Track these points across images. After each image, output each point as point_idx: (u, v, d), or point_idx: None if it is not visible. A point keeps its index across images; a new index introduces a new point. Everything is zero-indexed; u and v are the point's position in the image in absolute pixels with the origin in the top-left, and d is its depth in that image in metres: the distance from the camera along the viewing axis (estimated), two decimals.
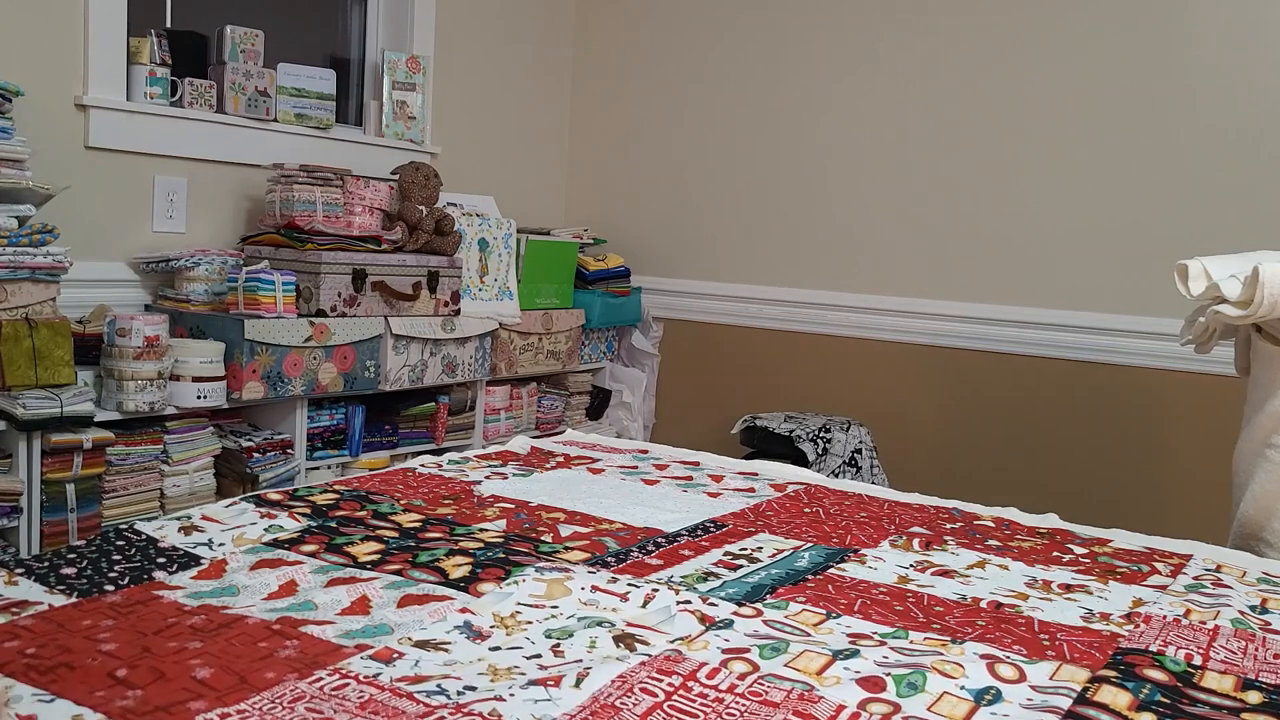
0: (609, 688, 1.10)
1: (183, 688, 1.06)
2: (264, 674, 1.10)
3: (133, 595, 1.33)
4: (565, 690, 1.09)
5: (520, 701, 1.06)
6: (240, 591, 1.37)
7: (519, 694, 1.08)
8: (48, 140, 2.53)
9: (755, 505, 1.95)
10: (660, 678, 1.13)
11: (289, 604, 1.33)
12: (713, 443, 3.55)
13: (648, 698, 1.09)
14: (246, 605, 1.32)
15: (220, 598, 1.35)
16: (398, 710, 1.04)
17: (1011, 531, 1.90)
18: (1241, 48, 2.94)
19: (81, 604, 1.29)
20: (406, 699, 1.06)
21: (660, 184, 3.88)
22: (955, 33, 3.33)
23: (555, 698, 1.07)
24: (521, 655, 1.19)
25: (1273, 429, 2.10)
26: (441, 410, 3.13)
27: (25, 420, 2.17)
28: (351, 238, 2.84)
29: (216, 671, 1.10)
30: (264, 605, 1.33)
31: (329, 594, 1.36)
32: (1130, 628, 1.39)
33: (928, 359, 3.41)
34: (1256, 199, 2.92)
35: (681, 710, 1.07)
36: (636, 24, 3.91)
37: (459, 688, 1.10)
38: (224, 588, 1.38)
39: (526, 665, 1.17)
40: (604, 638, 1.24)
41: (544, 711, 1.04)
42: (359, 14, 3.47)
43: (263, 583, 1.40)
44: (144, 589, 1.36)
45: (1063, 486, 3.20)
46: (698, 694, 1.11)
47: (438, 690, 1.08)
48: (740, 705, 1.09)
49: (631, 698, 1.08)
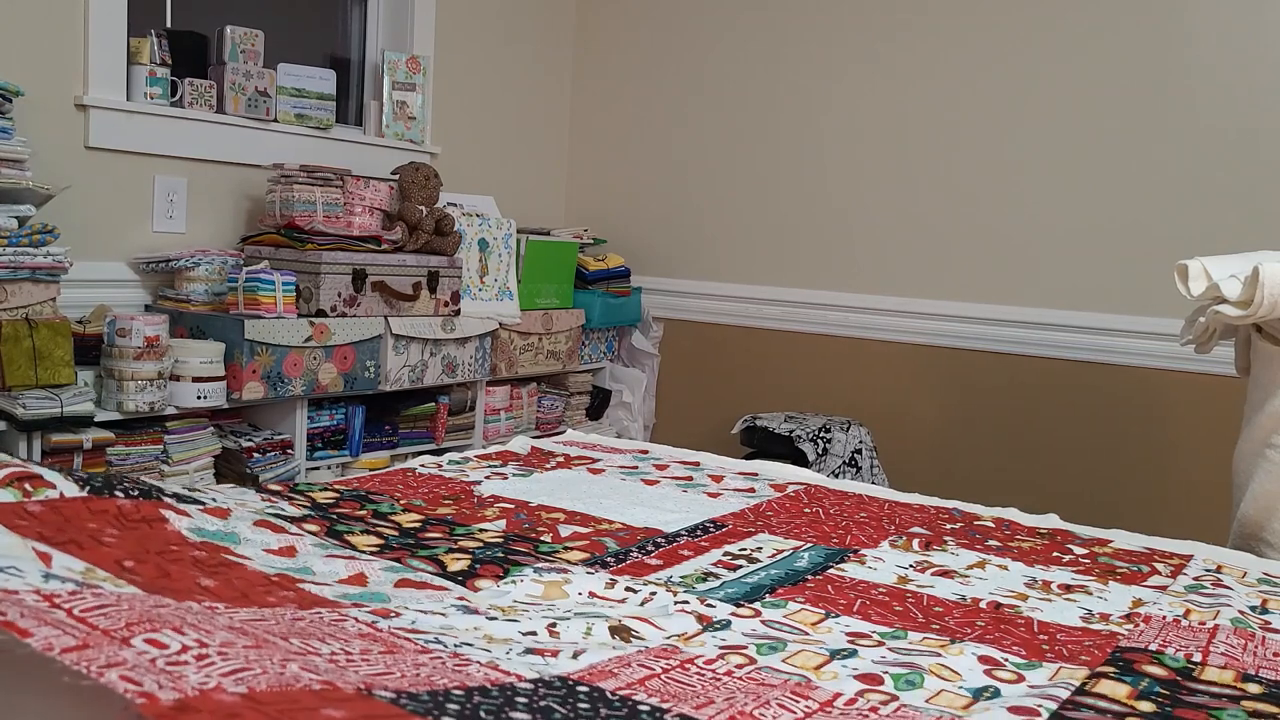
0: (606, 662, 1.11)
1: (187, 589, 1.07)
2: (265, 598, 1.11)
3: (141, 508, 1.33)
4: (563, 660, 1.10)
5: (518, 664, 1.06)
6: (242, 542, 1.37)
7: (516, 658, 1.08)
8: (48, 140, 2.53)
9: (755, 505, 1.95)
10: (656, 660, 1.14)
11: (287, 565, 1.33)
12: (713, 443, 3.54)
13: (643, 670, 1.10)
14: (245, 555, 1.32)
15: (223, 540, 1.35)
16: (396, 644, 1.04)
17: (1011, 532, 1.90)
18: (1241, 48, 2.94)
19: (91, 500, 1.30)
20: (405, 639, 1.07)
21: (660, 184, 3.88)
22: (955, 33, 3.33)
23: (552, 664, 1.08)
24: (518, 630, 1.20)
25: (1273, 429, 2.10)
26: (441, 410, 3.13)
27: (25, 420, 2.17)
28: (351, 238, 2.84)
29: (220, 585, 1.11)
30: (263, 559, 1.33)
31: (328, 564, 1.36)
32: (1130, 627, 1.38)
33: (927, 359, 3.41)
34: (1256, 199, 2.92)
35: (677, 681, 1.08)
36: (636, 24, 3.91)
37: (456, 642, 1.10)
38: (227, 532, 1.38)
39: (523, 641, 1.18)
40: (600, 626, 1.24)
41: (541, 670, 1.05)
42: (359, 14, 3.47)
43: (264, 540, 1.40)
44: (152, 505, 1.36)
45: (1063, 486, 3.20)
46: (694, 672, 1.11)
47: (435, 641, 1.09)
48: (736, 684, 1.09)
49: (629, 670, 1.09)
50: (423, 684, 0.91)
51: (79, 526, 1.21)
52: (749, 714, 1.00)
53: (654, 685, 1.05)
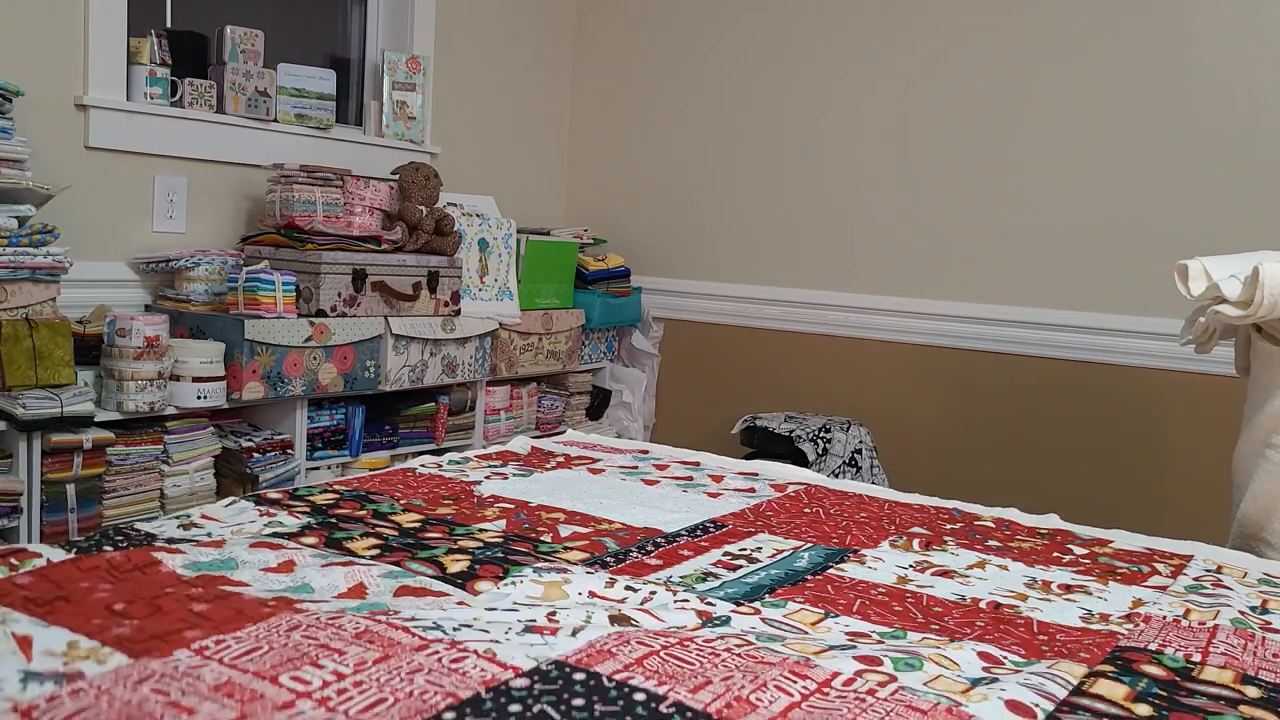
0: (605, 638, 1.11)
1: (179, 619, 1.07)
2: (260, 609, 1.11)
3: (132, 557, 1.33)
4: (562, 638, 1.10)
5: (516, 645, 1.07)
6: (239, 566, 1.37)
7: (515, 639, 1.08)
8: (48, 140, 2.53)
9: (755, 505, 1.95)
10: (655, 638, 1.14)
11: (285, 585, 1.33)
12: (713, 443, 3.55)
13: (642, 648, 1.10)
14: (243, 581, 1.32)
15: (219, 570, 1.35)
16: (393, 640, 1.04)
17: (1011, 532, 1.90)
18: (1241, 48, 2.94)
19: (80, 560, 1.29)
20: (402, 631, 1.07)
21: (660, 184, 3.88)
22: (955, 33, 3.33)
23: (551, 643, 1.08)
24: (516, 618, 1.21)
25: (1273, 429, 2.10)
26: (441, 410, 3.13)
27: (25, 420, 2.17)
28: (351, 238, 2.84)
29: (213, 606, 1.11)
30: (261, 581, 1.33)
31: (326, 577, 1.36)
32: (1130, 627, 1.38)
33: (927, 359, 3.41)
34: (1256, 199, 2.92)
35: (677, 658, 1.08)
36: (636, 24, 3.91)
37: (455, 625, 1.11)
38: (223, 559, 1.38)
39: (522, 620, 1.18)
40: (599, 615, 1.25)
41: (540, 653, 1.05)
42: (359, 14, 3.47)
43: (261, 559, 1.40)
44: (143, 551, 1.36)
45: (1063, 486, 3.20)
46: (694, 650, 1.12)
47: (434, 626, 1.09)
48: (735, 661, 1.09)
49: (628, 647, 1.09)
50: (415, 714, 0.91)
51: (70, 589, 1.20)
52: (745, 699, 1.00)
53: (652, 664, 1.05)
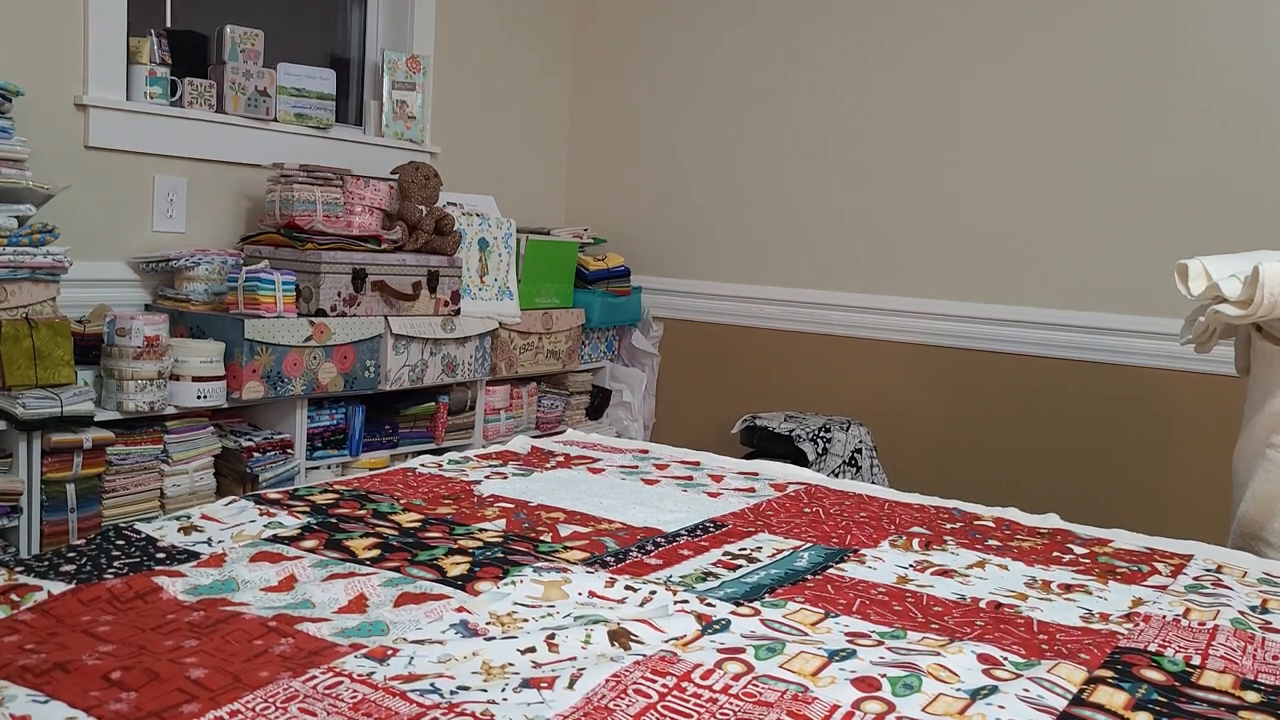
0: (602, 688, 1.10)
1: (176, 689, 1.06)
2: (258, 673, 1.10)
3: (132, 584, 1.33)
4: (559, 691, 1.09)
5: (514, 704, 1.06)
6: (240, 587, 1.37)
7: (512, 696, 1.08)
8: (48, 140, 2.53)
9: (755, 505, 1.95)
10: (654, 679, 1.13)
11: (286, 601, 1.33)
12: (713, 443, 3.55)
13: (641, 699, 1.09)
14: (244, 601, 1.32)
15: (220, 592, 1.35)
16: (391, 711, 1.04)
17: (1012, 532, 1.90)
18: (1242, 48, 2.94)
19: (80, 591, 1.29)
20: (399, 698, 1.06)
21: (660, 184, 3.88)
22: (956, 33, 3.33)
23: (548, 699, 1.07)
24: (515, 649, 1.20)
25: (1273, 429, 2.10)
26: (441, 410, 3.13)
27: (25, 420, 2.17)
28: (351, 237, 2.84)
29: (211, 672, 1.10)
30: (261, 601, 1.33)
31: (326, 591, 1.36)
32: (1130, 627, 1.38)
33: (928, 359, 3.41)
34: (1256, 199, 2.92)
35: (675, 710, 1.07)
36: (636, 24, 3.91)
37: (452, 687, 1.10)
38: (224, 581, 1.38)
39: (520, 662, 1.17)
40: (599, 633, 1.24)
41: (537, 713, 1.05)
42: (359, 14, 3.47)
43: (262, 576, 1.40)
44: (144, 577, 1.36)
45: (1063, 486, 3.20)
46: (691, 694, 1.11)
47: (431, 689, 1.09)
48: (734, 705, 1.09)
49: (625, 699, 1.08)
50: None
51: (72, 624, 1.21)
52: None
53: None
